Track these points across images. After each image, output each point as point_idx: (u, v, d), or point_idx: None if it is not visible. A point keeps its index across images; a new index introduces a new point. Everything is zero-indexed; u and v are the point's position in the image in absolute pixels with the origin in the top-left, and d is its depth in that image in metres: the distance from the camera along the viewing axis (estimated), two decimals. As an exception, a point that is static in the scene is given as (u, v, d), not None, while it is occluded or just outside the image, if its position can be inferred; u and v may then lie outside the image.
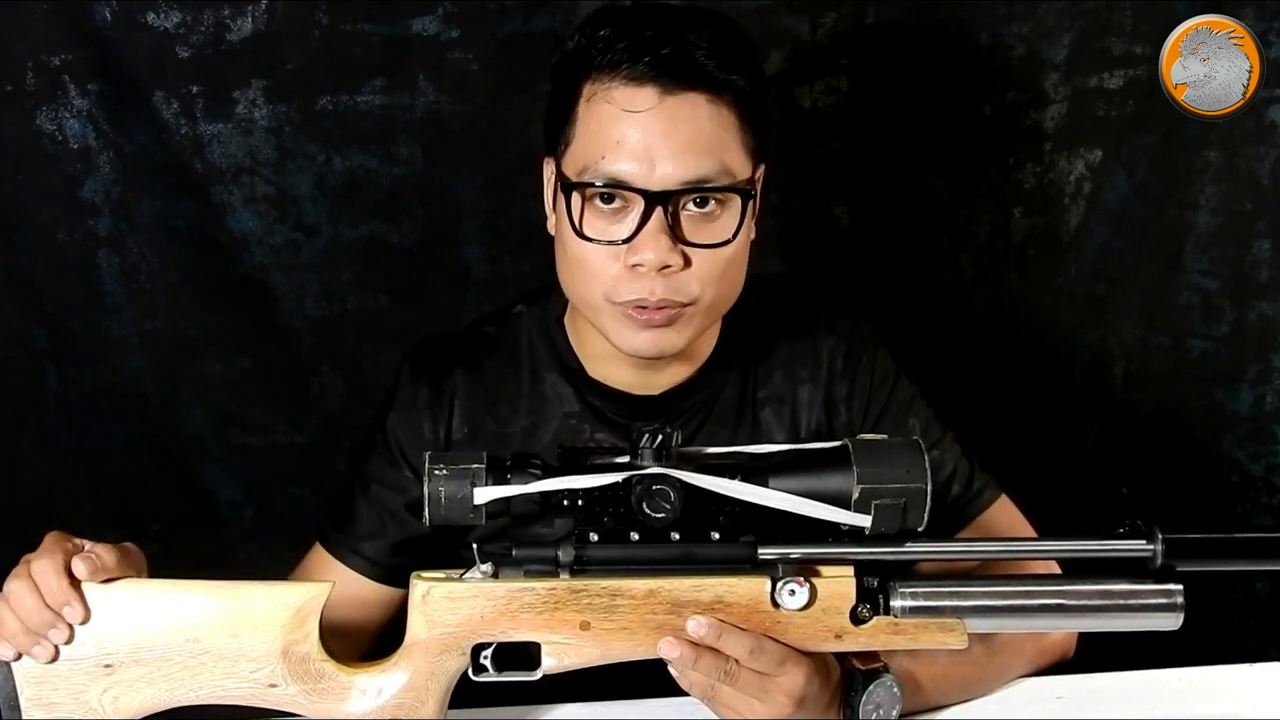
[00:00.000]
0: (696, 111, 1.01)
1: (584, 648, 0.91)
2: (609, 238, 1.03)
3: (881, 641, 0.93)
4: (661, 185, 1.01)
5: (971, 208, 1.69)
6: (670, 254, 1.01)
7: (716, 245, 1.04)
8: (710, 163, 1.02)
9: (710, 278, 1.05)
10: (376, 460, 1.20)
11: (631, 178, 1.01)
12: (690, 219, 1.03)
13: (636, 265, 1.02)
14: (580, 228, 1.04)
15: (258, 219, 1.60)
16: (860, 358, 1.21)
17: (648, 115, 1.00)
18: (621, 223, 1.03)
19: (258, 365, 1.66)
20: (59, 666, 0.89)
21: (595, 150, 1.02)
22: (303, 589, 0.92)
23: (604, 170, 1.02)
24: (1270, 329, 1.71)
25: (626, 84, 1.01)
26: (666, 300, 1.03)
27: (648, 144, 1.00)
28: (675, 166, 1.01)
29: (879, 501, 0.89)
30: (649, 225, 1.01)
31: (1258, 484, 1.77)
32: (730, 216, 1.04)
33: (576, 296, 1.10)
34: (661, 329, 1.05)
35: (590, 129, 1.03)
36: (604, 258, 1.04)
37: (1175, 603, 0.91)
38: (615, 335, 1.07)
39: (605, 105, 1.02)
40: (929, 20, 1.61)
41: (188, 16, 1.51)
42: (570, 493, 0.90)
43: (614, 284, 1.04)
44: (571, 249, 1.06)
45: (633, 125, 1.01)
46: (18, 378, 1.63)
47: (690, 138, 1.01)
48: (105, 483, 1.68)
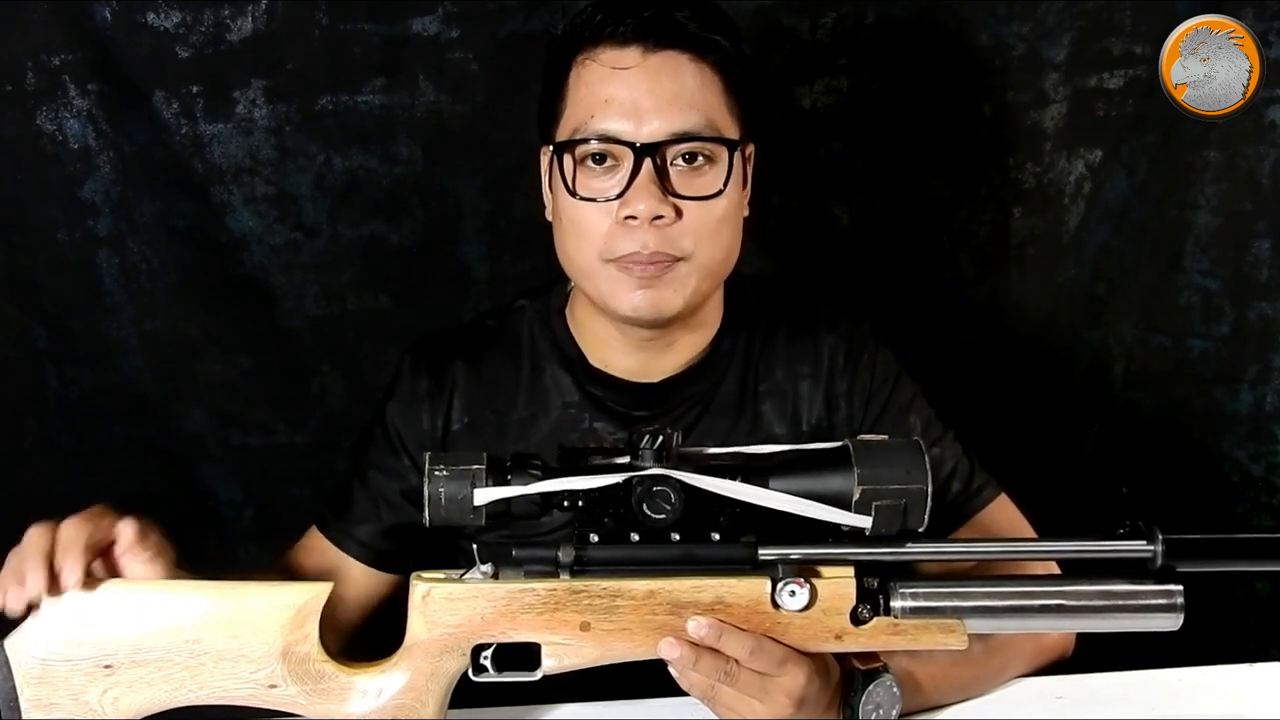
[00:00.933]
0: (680, 69, 1.06)
1: (584, 648, 0.91)
2: (602, 195, 1.07)
3: (882, 642, 0.93)
4: (650, 138, 1.05)
5: (971, 208, 1.69)
6: (661, 205, 1.05)
7: (706, 198, 1.07)
8: (695, 117, 1.06)
9: (703, 232, 1.07)
10: (375, 448, 1.22)
11: (620, 133, 1.05)
12: (680, 173, 1.07)
13: (629, 218, 1.05)
14: (573, 187, 1.08)
15: (258, 219, 1.60)
16: (861, 356, 1.21)
17: (633, 73, 1.05)
18: (612, 179, 1.07)
19: (258, 365, 1.66)
20: (59, 667, 0.89)
21: (585, 111, 1.07)
22: (302, 589, 0.92)
23: (594, 128, 1.06)
24: (1270, 329, 1.70)
25: (611, 45, 1.06)
26: (660, 253, 1.06)
27: (634, 99, 1.05)
28: (662, 120, 1.05)
29: (879, 502, 0.89)
30: (639, 178, 1.05)
31: (1258, 484, 1.77)
32: (718, 171, 1.08)
33: (573, 266, 1.12)
34: (657, 287, 1.07)
35: (580, 94, 1.08)
36: (597, 216, 1.07)
37: (1175, 603, 0.91)
38: (611, 297, 1.09)
39: (593, 66, 1.07)
40: (929, 20, 1.61)
41: (188, 16, 1.51)
42: (570, 493, 0.90)
43: (607, 241, 1.07)
44: (566, 215, 1.10)
45: (619, 83, 1.06)
46: (18, 378, 1.63)
47: (675, 93, 1.06)
48: (105, 483, 1.67)
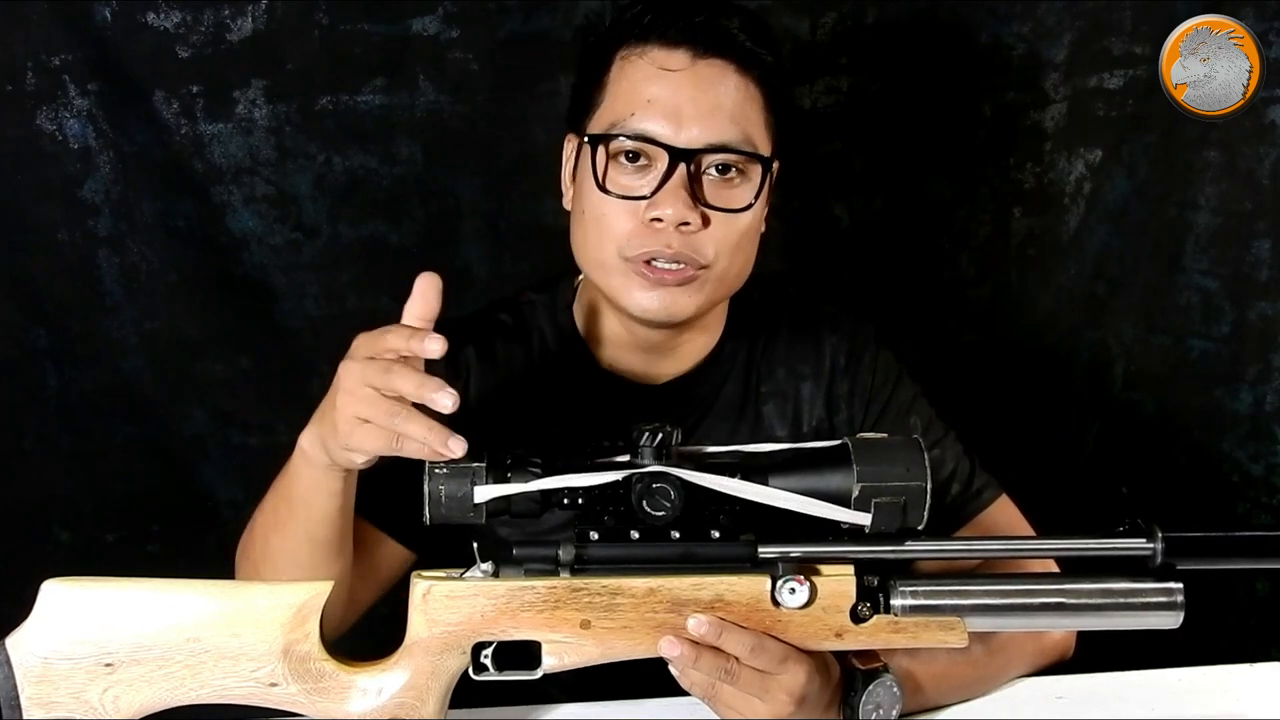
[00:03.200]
0: (726, 79, 1.06)
1: (584, 646, 0.90)
2: (631, 193, 1.06)
3: (882, 640, 0.92)
4: (688, 144, 1.04)
5: (971, 208, 1.69)
6: (690, 212, 1.04)
7: (735, 211, 1.07)
8: (734, 130, 1.06)
9: (725, 244, 1.07)
10: None
11: (659, 134, 1.05)
12: (711, 183, 1.07)
13: (655, 220, 1.05)
14: (603, 182, 1.06)
15: (258, 219, 1.60)
16: (862, 357, 1.21)
17: (679, 76, 1.05)
18: (644, 178, 1.06)
19: (258, 365, 1.66)
20: (60, 665, 0.88)
21: (625, 107, 1.06)
22: (303, 588, 0.91)
23: (633, 126, 1.05)
24: (1270, 329, 1.71)
25: (661, 45, 1.06)
26: (682, 255, 1.05)
27: (677, 104, 1.04)
28: (702, 128, 1.04)
29: (879, 500, 0.89)
30: (671, 181, 1.04)
31: (1258, 484, 1.77)
32: (749, 186, 1.08)
33: (589, 258, 1.11)
34: (672, 290, 1.07)
35: (622, 88, 1.07)
36: (622, 213, 1.06)
37: (1175, 601, 0.91)
38: (625, 294, 1.08)
39: (639, 63, 1.06)
40: (929, 20, 1.61)
41: (188, 16, 1.51)
42: (570, 491, 0.90)
43: (628, 239, 1.06)
44: (591, 207, 1.08)
45: (664, 84, 1.05)
46: (18, 378, 1.63)
47: (718, 102, 1.05)
48: (105, 483, 1.68)
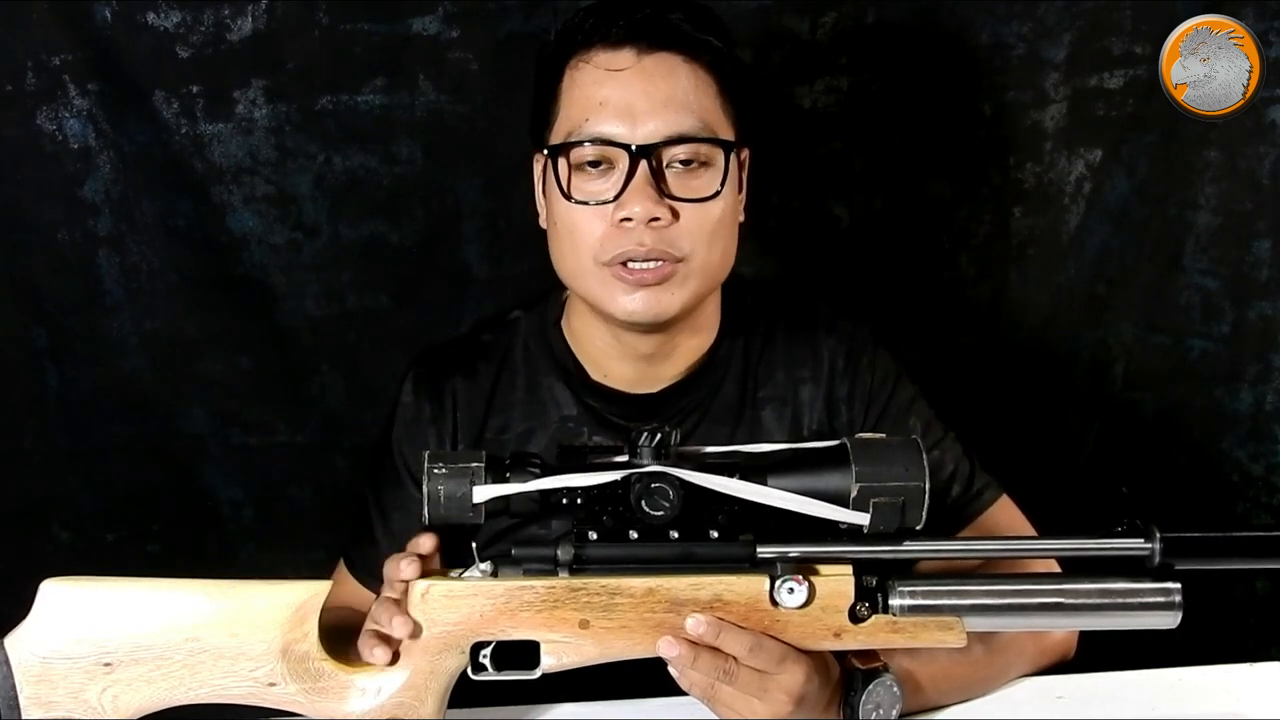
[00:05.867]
0: (675, 71, 1.06)
1: (583, 646, 0.91)
2: (597, 198, 1.06)
3: (880, 640, 0.93)
4: (645, 140, 1.04)
5: (971, 208, 1.69)
6: (657, 206, 1.04)
7: (703, 200, 1.07)
8: (690, 119, 1.06)
9: (700, 235, 1.07)
10: (388, 486, 1.21)
11: (616, 135, 1.05)
12: (676, 175, 1.07)
13: (625, 220, 1.05)
14: (569, 191, 1.07)
15: (258, 219, 1.60)
16: (861, 358, 1.21)
17: (627, 74, 1.05)
18: (608, 181, 1.06)
19: (258, 365, 1.66)
20: (58, 665, 0.88)
21: (580, 114, 1.06)
22: (301, 588, 0.91)
23: (589, 130, 1.06)
24: (1270, 329, 1.70)
25: (605, 48, 1.06)
26: (656, 251, 1.05)
27: (629, 101, 1.05)
28: (657, 122, 1.05)
29: (877, 500, 0.89)
30: (635, 180, 1.04)
31: (1258, 484, 1.77)
32: (714, 173, 1.08)
33: (568, 270, 1.12)
34: (654, 288, 1.07)
35: (574, 97, 1.07)
36: (592, 219, 1.07)
37: (1173, 601, 0.91)
38: (608, 301, 1.08)
39: (587, 69, 1.06)
40: (929, 20, 1.61)
41: (188, 16, 1.51)
42: (569, 491, 0.90)
43: (601, 243, 1.07)
44: (561, 220, 1.09)
45: (613, 85, 1.05)
46: (18, 378, 1.63)
47: (670, 95, 1.05)
48: (105, 483, 1.68)
